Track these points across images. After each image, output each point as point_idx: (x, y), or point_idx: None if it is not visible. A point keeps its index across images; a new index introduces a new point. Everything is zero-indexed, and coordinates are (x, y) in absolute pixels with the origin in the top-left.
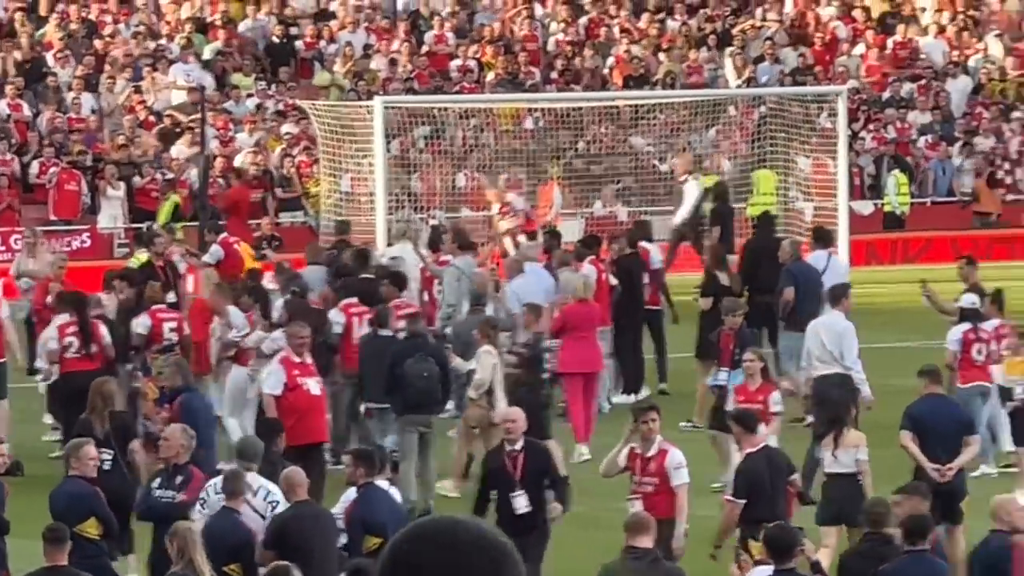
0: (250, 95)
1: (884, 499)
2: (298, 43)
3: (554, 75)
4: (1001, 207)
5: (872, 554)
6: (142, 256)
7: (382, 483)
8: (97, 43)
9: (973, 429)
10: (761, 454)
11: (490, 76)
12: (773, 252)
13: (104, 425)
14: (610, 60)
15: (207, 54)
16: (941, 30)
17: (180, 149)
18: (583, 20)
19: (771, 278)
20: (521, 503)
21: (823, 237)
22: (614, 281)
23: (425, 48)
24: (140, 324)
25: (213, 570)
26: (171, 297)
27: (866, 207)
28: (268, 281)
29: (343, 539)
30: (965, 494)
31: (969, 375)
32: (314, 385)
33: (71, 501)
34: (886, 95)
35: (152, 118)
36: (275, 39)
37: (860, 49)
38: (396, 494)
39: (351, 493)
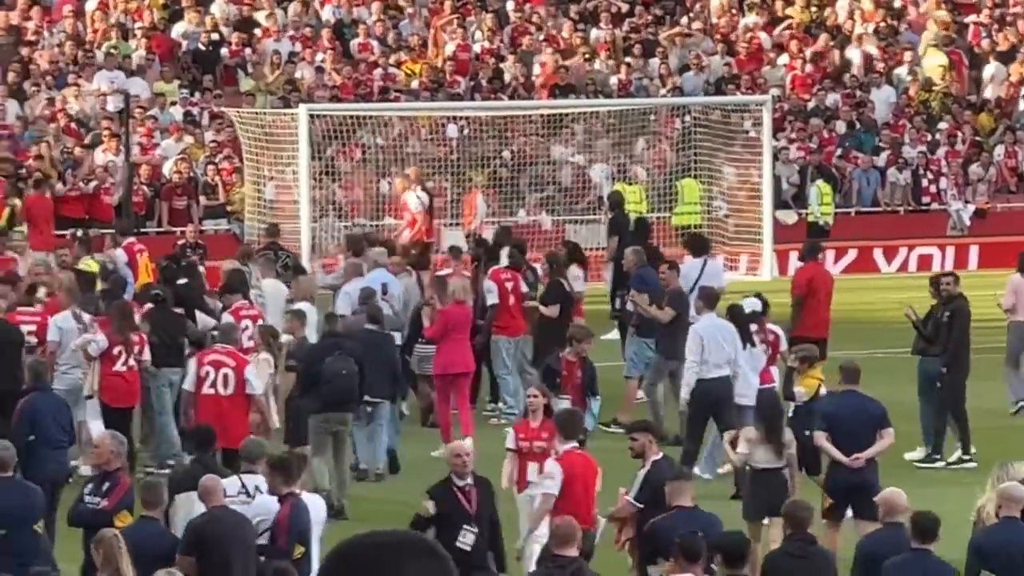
0: (174, 103)
1: (807, 501)
2: (223, 50)
3: (482, 83)
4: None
5: (796, 553)
6: (91, 262)
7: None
8: (23, 50)
9: (887, 423)
10: (660, 464)
11: (414, 84)
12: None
13: None
14: (536, 69)
15: (123, 59)
16: (865, 39)
17: (103, 156)
18: (507, 29)
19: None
20: (470, 539)
21: (698, 245)
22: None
23: (351, 57)
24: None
25: None
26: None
27: (790, 216)
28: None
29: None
30: (878, 489)
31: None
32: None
33: None
34: (811, 105)
35: (74, 125)
36: (200, 46)
37: (784, 59)
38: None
39: (271, 504)
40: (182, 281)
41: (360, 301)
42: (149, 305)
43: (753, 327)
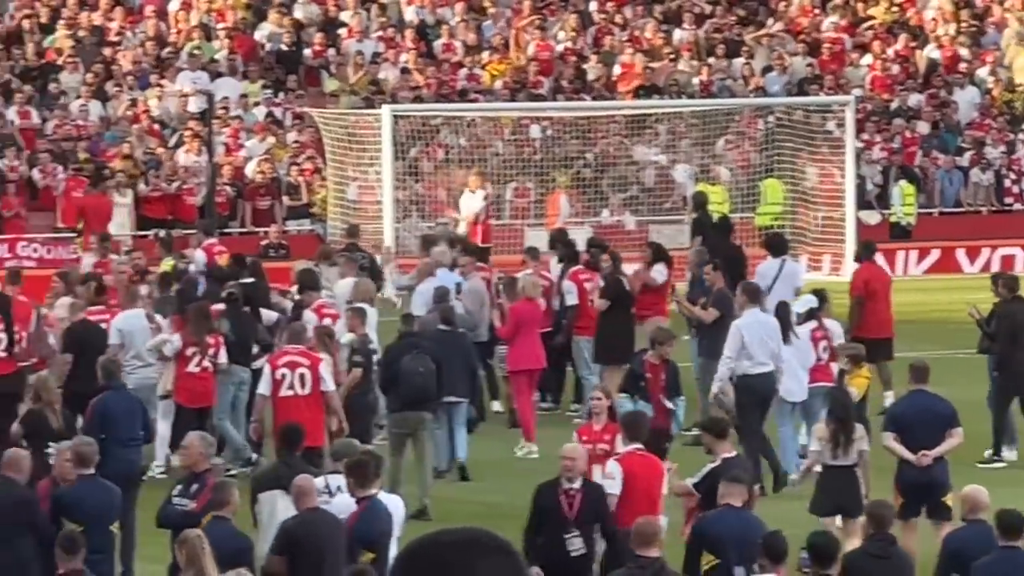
0: (258, 103)
1: (888, 500)
2: (306, 51)
3: (564, 84)
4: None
5: (877, 553)
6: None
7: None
8: (105, 50)
9: (956, 422)
10: (730, 461)
11: (498, 85)
12: (735, 259)
13: (58, 419)
14: (616, 69)
15: (210, 61)
16: (948, 40)
17: (185, 157)
18: (591, 29)
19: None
20: (577, 545)
21: (776, 245)
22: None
23: (434, 57)
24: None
25: None
26: None
27: (873, 217)
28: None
29: None
30: (949, 488)
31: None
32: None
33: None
34: (893, 105)
35: (157, 126)
36: (283, 47)
37: (868, 59)
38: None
39: (350, 504)
40: (248, 280)
41: (434, 301)
42: (217, 305)
43: (812, 324)
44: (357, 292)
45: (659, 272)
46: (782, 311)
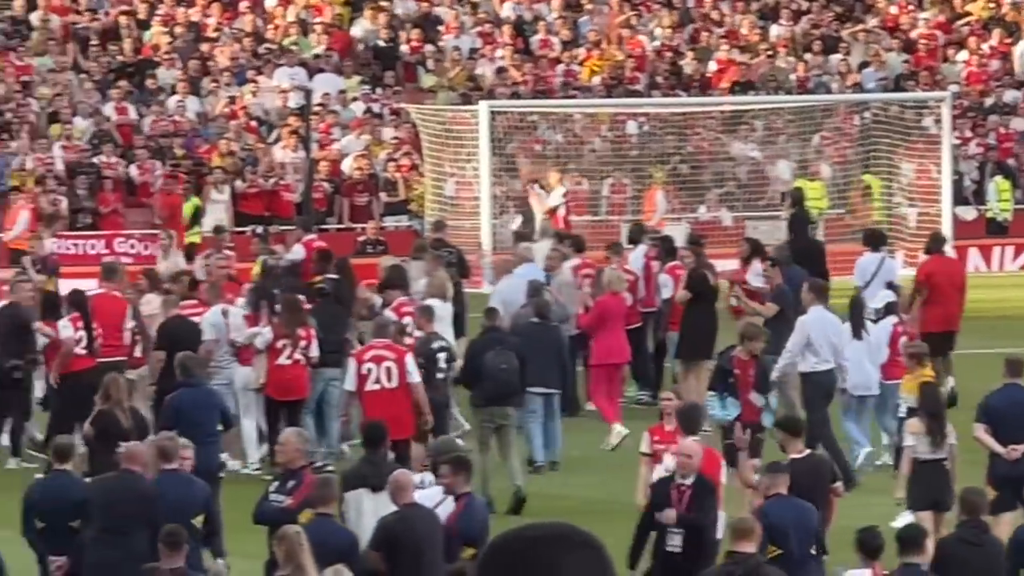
0: (355, 99)
1: (980, 488)
2: (403, 47)
3: (660, 80)
4: None
5: (970, 540)
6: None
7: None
8: (202, 46)
9: None
10: (804, 460)
11: (595, 81)
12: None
13: (128, 418)
14: (713, 65)
15: (312, 58)
16: None
17: (282, 153)
18: (688, 26)
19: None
20: (677, 541)
21: (875, 240)
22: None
23: (531, 53)
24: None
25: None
26: None
27: (969, 212)
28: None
29: None
30: None
31: None
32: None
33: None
34: (989, 101)
35: (254, 122)
36: (381, 43)
37: (963, 55)
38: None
39: (435, 495)
40: (333, 276)
41: (528, 295)
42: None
43: (892, 319)
44: (430, 288)
45: (756, 271)
46: (856, 307)
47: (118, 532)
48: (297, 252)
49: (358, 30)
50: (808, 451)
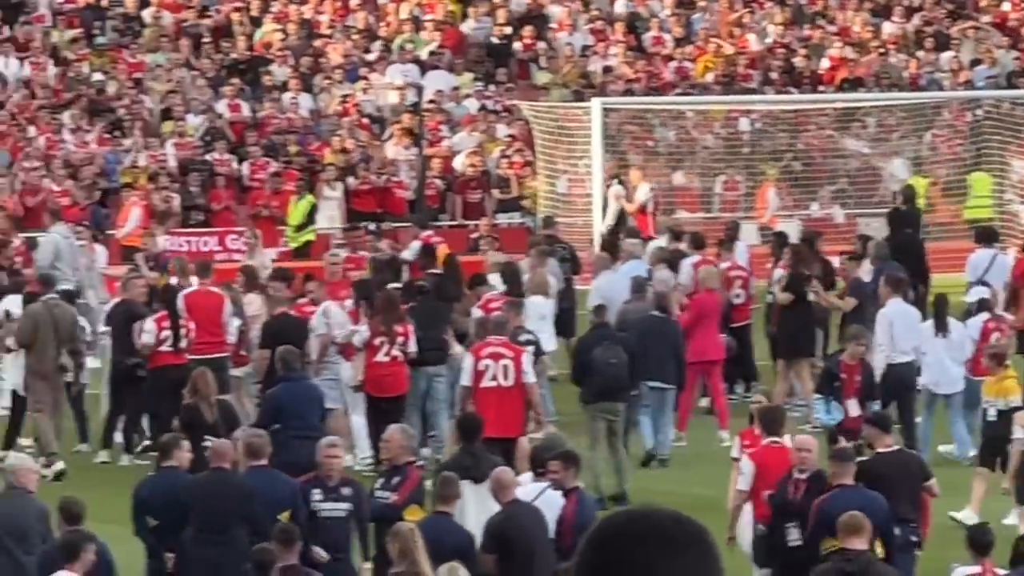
0: (468, 96)
1: None
2: (516, 44)
3: (772, 77)
4: None
5: None
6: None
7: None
8: (315, 43)
9: None
10: (892, 455)
11: (708, 78)
12: (913, 251)
13: (213, 412)
14: (825, 62)
15: (425, 55)
16: None
17: (394, 150)
18: (802, 23)
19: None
20: (795, 535)
21: (987, 236)
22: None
23: (643, 50)
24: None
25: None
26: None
27: None
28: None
29: None
30: None
31: None
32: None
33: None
34: None
35: (366, 119)
36: (494, 40)
37: None
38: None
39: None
40: (438, 272)
41: (632, 291)
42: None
43: (984, 315)
44: (531, 284)
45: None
46: (940, 304)
47: (216, 530)
48: (413, 249)
49: (469, 27)
50: (896, 447)
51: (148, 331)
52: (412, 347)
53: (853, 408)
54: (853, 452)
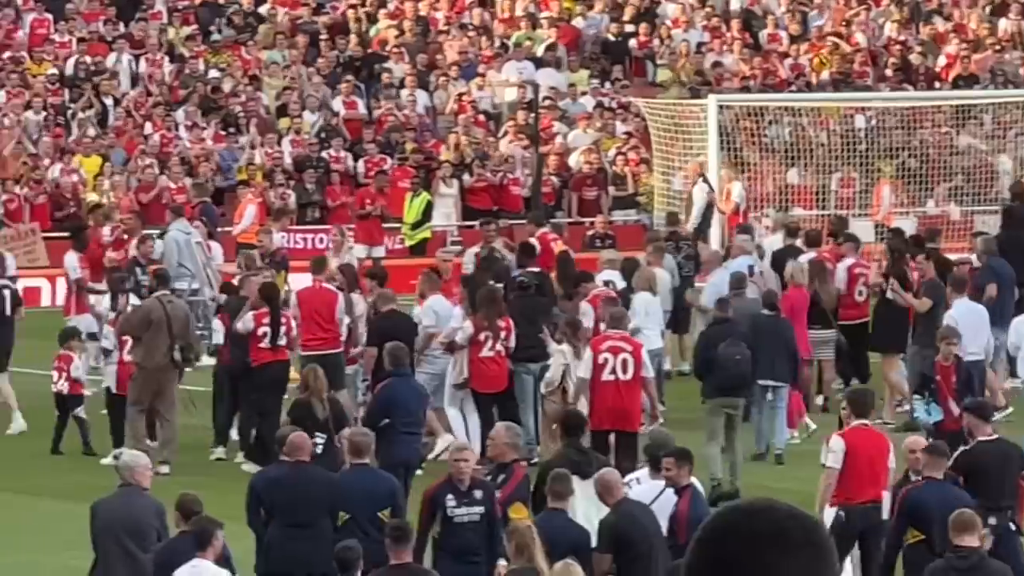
0: (584, 93)
1: None
2: (631, 41)
3: (888, 74)
4: None
5: None
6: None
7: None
8: (430, 40)
9: None
10: (992, 444)
11: (824, 75)
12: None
13: (324, 408)
14: (942, 60)
15: (544, 51)
16: None
17: (509, 147)
18: (918, 20)
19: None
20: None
21: None
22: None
23: (759, 47)
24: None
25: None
26: None
27: None
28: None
29: None
30: None
31: None
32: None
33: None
34: None
35: (482, 116)
36: (610, 37)
37: None
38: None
39: (668, 493)
40: (535, 270)
41: (731, 287)
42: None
43: None
44: (638, 281)
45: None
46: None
47: (302, 525)
48: (470, 255)
49: (584, 24)
50: (996, 436)
51: (245, 320)
52: (511, 342)
53: (954, 408)
54: (947, 449)
